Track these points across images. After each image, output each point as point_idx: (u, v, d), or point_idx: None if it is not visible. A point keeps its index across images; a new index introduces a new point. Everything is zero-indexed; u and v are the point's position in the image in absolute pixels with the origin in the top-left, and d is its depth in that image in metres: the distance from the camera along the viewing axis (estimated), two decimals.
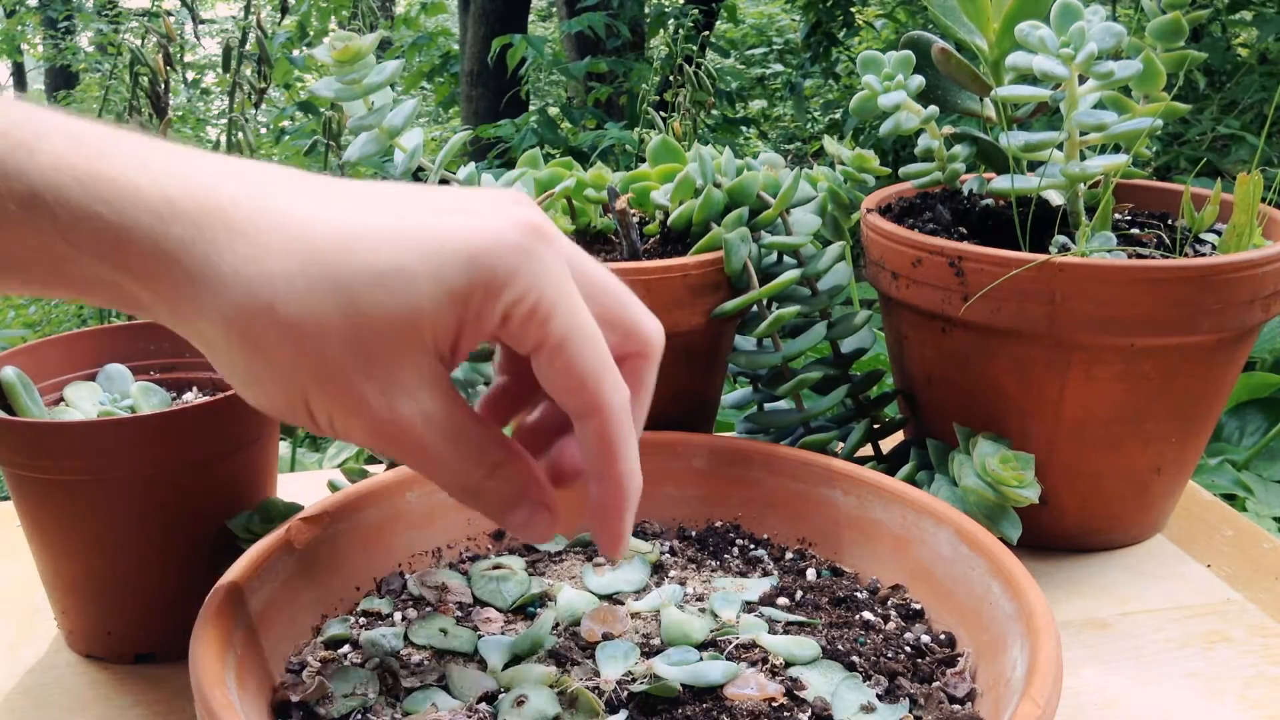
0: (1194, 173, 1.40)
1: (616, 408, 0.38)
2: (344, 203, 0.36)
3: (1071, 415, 0.59)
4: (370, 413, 0.36)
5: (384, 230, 0.36)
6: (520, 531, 0.41)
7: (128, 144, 0.35)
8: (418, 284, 0.35)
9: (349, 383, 0.35)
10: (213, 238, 0.34)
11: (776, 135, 5.69)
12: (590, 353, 0.37)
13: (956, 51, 0.64)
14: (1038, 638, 0.40)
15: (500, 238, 0.36)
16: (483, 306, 0.36)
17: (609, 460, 0.39)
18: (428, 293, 0.35)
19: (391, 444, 0.37)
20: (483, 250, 0.35)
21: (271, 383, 0.36)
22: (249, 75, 1.68)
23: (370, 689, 0.43)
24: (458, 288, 0.35)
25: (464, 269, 0.35)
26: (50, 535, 0.53)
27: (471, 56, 3.93)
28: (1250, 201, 0.60)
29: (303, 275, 0.34)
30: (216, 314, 0.35)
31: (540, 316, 0.36)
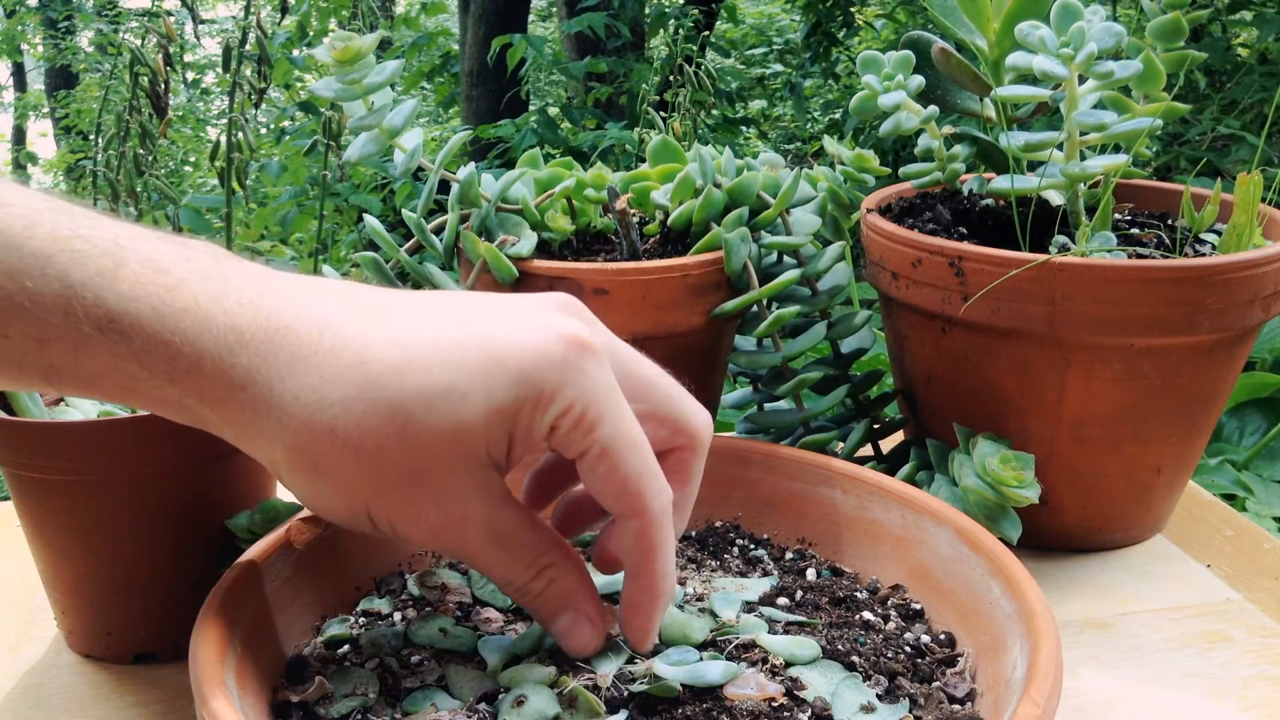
0: (1194, 173, 1.40)
1: (658, 511, 0.40)
2: (398, 320, 0.39)
3: (1071, 415, 0.59)
4: (426, 520, 0.39)
5: (435, 350, 0.38)
6: (563, 639, 0.43)
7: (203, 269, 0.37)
8: (470, 404, 0.37)
9: (407, 496, 0.38)
10: (275, 367, 0.37)
11: (776, 135, 5.69)
12: (633, 459, 0.39)
13: (956, 51, 0.64)
14: (1038, 638, 0.40)
15: (547, 354, 0.38)
16: (531, 420, 0.38)
17: (647, 561, 0.41)
18: (480, 411, 0.37)
19: (447, 547, 0.40)
20: (531, 368, 0.37)
21: (335, 498, 0.38)
22: (249, 75, 1.68)
23: (370, 689, 0.43)
24: (507, 405, 0.37)
25: (513, 387, 0.37)
26: (50, 535, 0.53)
27: (471, 56, 3.93)
28: (1250, 201, 0.60)
29: (359, 399, 0.37)
30: (279, 439, 0.37)
31: (585, 427, 0.38)
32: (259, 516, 0.54)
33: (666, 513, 0.41)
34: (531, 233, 0.60)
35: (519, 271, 0.58)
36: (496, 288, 0.59)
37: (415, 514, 0.38)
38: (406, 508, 0.38)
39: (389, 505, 0.38)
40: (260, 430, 0.37)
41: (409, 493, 0.38)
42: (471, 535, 0.39)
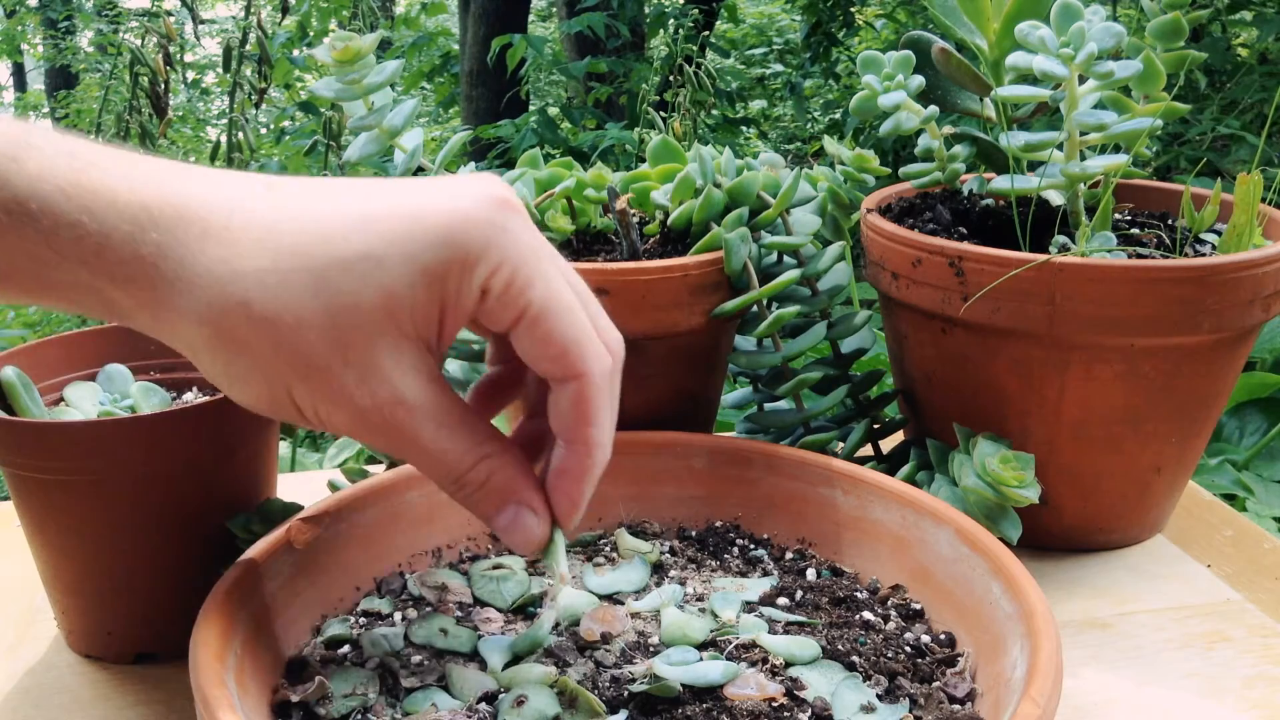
0: (1194, 173, 1.40)
1: (597, 373, 0.38)
2: (312, 197, 0.37)
3: (1071, 415, 0.59)
4: (352, 401, 0.36)
5: (352, 218, 0.36)
6: (506, 534, 0.41)
7: (116, 158, 0.36)
8: (391, 268, 0.35)
9: (329, 372, 0.36)
10: (186, 242, 0.35)
11: (776, 135, 5.69)
12: (570, 319, 0.38)
13: (956, 51, 0.64)
14: (1038, 638, 0.40)
15: (471, 214, 0.36)
16: (460, 283, 0.36)
17: (582, 425, 0.39)
18: (402, 275, 0.35)
19: (376, 433, 0.37)
20: (454, 227, 0.36)
21: (255, 379, 0.36)
22: (249, 75, 1.68)
23: (370, 689, 0.43)
24: (432, 267, 0.35)
25: (437, 247, 0.35)
26: (50, 535, 0.53)
27: (471, 56, 3.93)
28: (1250, 201, 0.60)
29: (274, 270, 0.35)
30: (193, 315, 0.35)
31: (517, 287, 0.36)
32: (259, 516, 0.54)
33: (606, 378, 0.39)
34: None
35: None
36: None
37: (340, 394, 0.36)
38: (330, 387, 0.36)
39: (311, 386, 0.36)
40: (173, 308, 0.35)
41: (332, 370, 0.36)
42: (402, 417, 0.37)
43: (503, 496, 0.40)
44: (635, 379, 0.60)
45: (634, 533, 0.56)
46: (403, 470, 0.53)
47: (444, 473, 0.39)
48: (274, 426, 0.57)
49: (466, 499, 0.40)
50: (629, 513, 0.57)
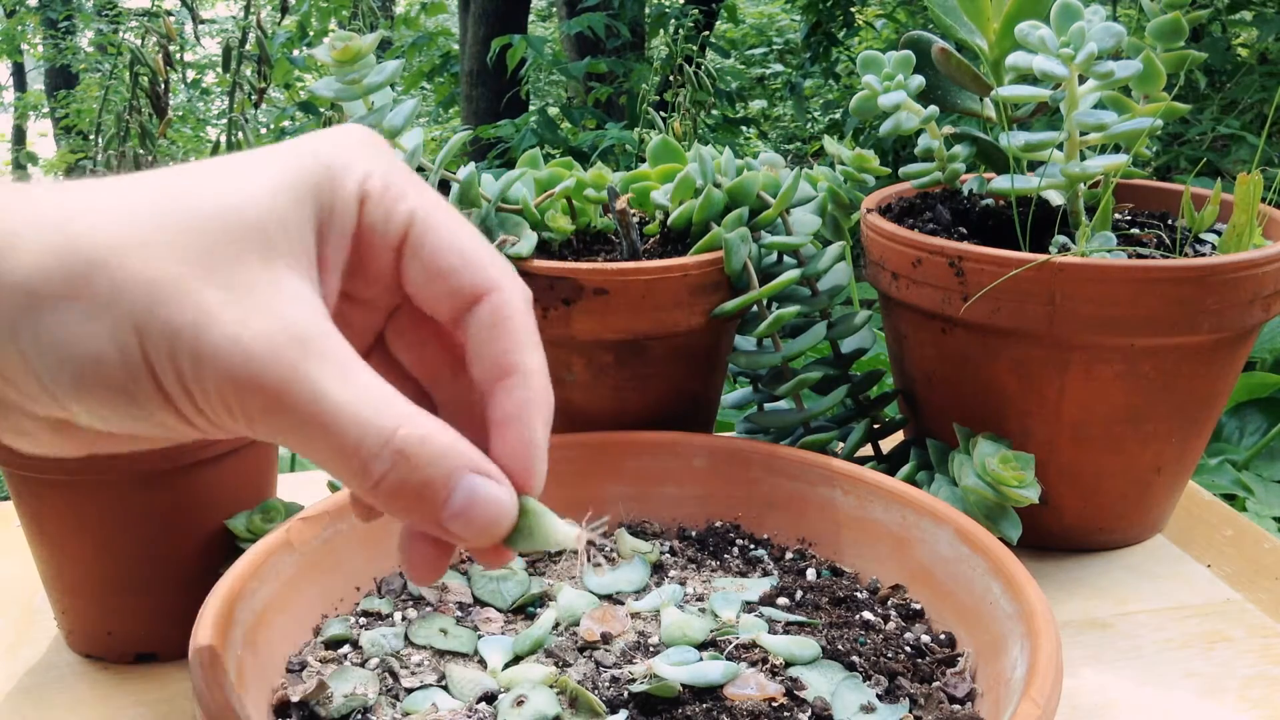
0: (1194, 173, 1.40)
1: (511, 286, 0.32)
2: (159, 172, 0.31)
3: (1071, 415, 0.59)
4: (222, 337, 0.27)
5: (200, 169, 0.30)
6: (465, 520, 0.30)
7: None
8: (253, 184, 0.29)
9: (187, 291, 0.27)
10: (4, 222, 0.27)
11: (776, 135, 5.69)
12: (464, 229, 0.32)
13: (956, 51, 0.64)
14: (1038, 638, 0.40)
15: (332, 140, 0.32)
16: (334, 194, 0.30)
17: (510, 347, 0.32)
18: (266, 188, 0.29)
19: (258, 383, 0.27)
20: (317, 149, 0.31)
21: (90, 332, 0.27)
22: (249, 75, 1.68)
23: (370, 689, 0.43)
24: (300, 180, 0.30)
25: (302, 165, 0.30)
26: (50, 535, 0.53)
27: (471, 56, 3.93)
28: (1250, 201, 0.60)
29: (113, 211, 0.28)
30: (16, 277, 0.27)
31: (397, 191, 0.31)
32: (259, 516, 0.54)
33: (521, 294, 0.32)
34: (531, 233, 0.60)
35: (519, 271, 0.58)
36: None
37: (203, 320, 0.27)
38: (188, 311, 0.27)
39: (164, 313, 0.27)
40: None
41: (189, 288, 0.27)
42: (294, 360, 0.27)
43: (449, 467, 0.29)
44: (635, 379, 0.60)
45: (634, 533, 0.56)
46: None
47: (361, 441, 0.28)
48: None
49: (397, 484, 0.29)
50: (629, 513, 0.57)
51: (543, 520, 0.32)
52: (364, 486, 0.29)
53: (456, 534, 0.30)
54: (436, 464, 0.29)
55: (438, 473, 0.29)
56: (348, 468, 0.28)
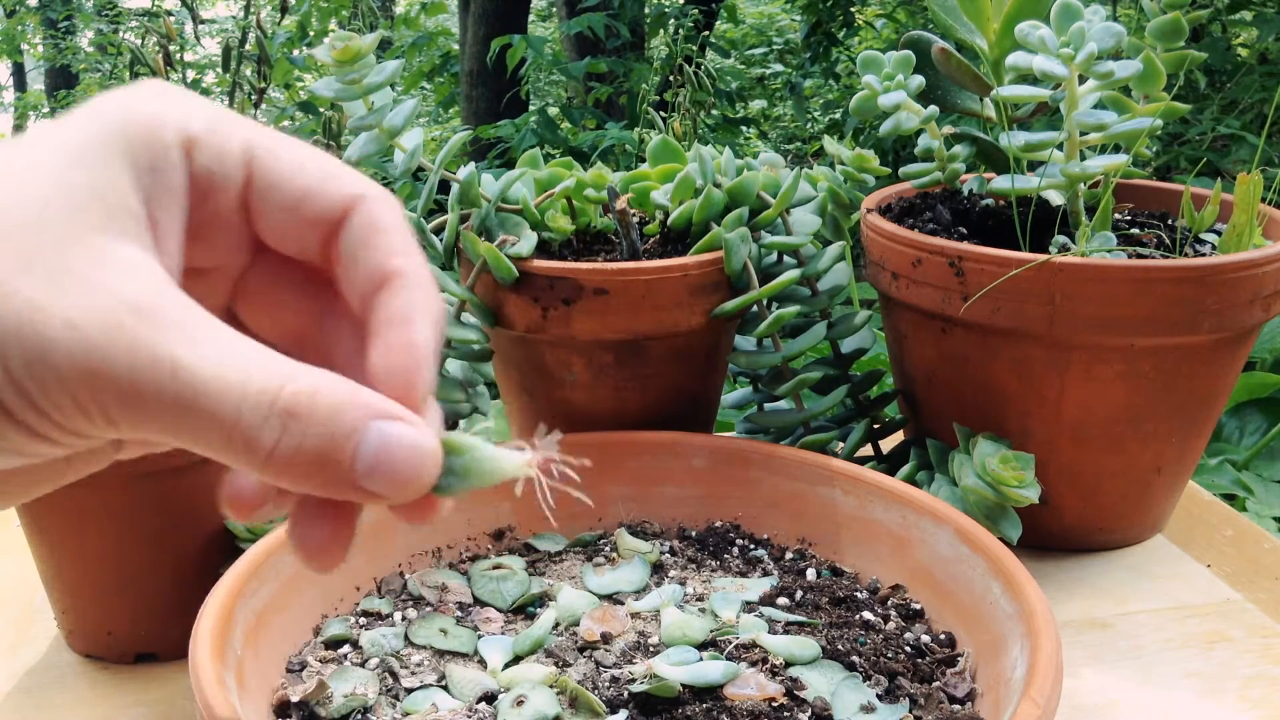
0: (1194, 173, 1.40)
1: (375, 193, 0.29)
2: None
3: (1071, 415, 0.59)
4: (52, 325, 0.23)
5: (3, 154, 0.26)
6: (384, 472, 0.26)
7: None
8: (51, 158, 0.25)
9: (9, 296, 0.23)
10: None
11: (776, 135, 5.69)
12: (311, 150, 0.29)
13: (956, 51, 0.64)
14: (1038, 638, 0.40)
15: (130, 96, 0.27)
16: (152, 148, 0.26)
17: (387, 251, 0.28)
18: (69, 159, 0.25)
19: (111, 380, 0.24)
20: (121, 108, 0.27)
21: None
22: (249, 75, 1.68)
23: (370, 689, 0.43)
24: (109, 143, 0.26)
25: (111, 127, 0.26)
26: (51, 535, 0.53)
27: (471, 56, 3.93)
28: (1250, 201, 0.60)
29: None
30: None
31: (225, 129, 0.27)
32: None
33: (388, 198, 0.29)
34: (531, 233, 0.60)
35: (519, 271, 0.58)
36: (496, 288, 0.59)
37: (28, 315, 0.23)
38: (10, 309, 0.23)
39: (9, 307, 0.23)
40: None
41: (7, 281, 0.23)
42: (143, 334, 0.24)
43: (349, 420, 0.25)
44: (635, 379, 0.60)
45: (634, 533, 0.56)
46: None
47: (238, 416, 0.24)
48: None
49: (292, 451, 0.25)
50: (629, 513, 0.57)
51: (480, 454, 0.27)
52: (255, 462, 0.25)
53: (376, 492, 0.26)
54: (334, 419, 0.25)
55: (338, 428, 0.25)
56: (230, 445, 0.24)
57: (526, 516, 0.56)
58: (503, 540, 0.55)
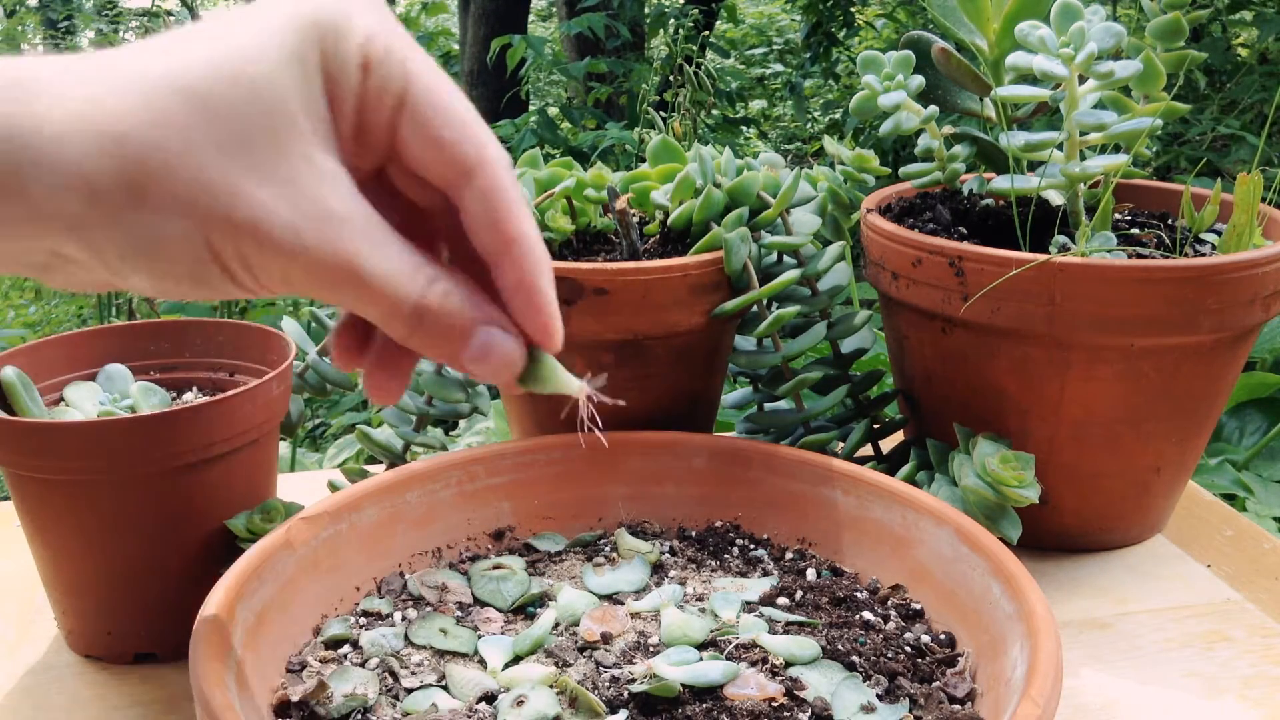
0: (1194, 173, 1.40)
1: (499, 157, 0.35)
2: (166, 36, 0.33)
3: (1071, 415, 0.59)
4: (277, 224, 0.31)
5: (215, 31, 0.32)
6: (482, 363, 0.35)
7: None
8: (266, 62, 0.31)
9: (242, 194, 0.31)
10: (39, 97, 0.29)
11: (776, 135, 5.69)
12: (460, 100, 0.34)
13: (956, 51, 0.64)
14: (1038, 638, 0.40)
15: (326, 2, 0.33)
16: (336, 60, 0.32)
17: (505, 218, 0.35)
18: (279, 66, 0.31)
19: (311, 263, 0.32)
20: (317, 7, 0.32)
21: (162, 236, 0.31)
22: None
23: (370, 689, 0.43)
24: (307, 51, 0.32)
25: (307, 31, 0.32)
26: (50, 535, 0.53)
27: (471, 56, 3.93)
28: (1250, 201, 0.60)
29: (144, 96, 0.30)
30: (69, 174, 0.29)
31: (399, 55, 0.33)
32: (259, 516, 0.54)
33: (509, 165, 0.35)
34: None
35: None
36: None
37: (262, 219, 0.31)
38: (247, 212, 0.31)
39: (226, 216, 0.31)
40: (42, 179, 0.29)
41: (245, 190, 0.31)
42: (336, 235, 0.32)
43: (469, 319, 0.35)
44: (635, 379, 0.60)
45: (634, 533, 0.56)
46: (403, 470, 0.53)
47: (396, 301, 0.33)
48: (274, 426, 0.57)
49: (427, 333, 0.34)
50: (629, 513, 0.57)
51: (554, 369, 0.37)
52: (401, 334, 0.34)
53: (475, 373, 0.35)
54: (456, 316, 0.34)
55: (458, 323, 0.34)
56: (388, 320, 0.34)
57: (526, 516, 0.56)
58: (503, 540, 0.55)
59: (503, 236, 0.35)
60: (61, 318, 3.08)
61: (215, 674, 0.38)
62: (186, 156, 0.30)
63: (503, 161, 0.35)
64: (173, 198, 0.30)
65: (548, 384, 0.37)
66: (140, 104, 0.30)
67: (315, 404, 1.94)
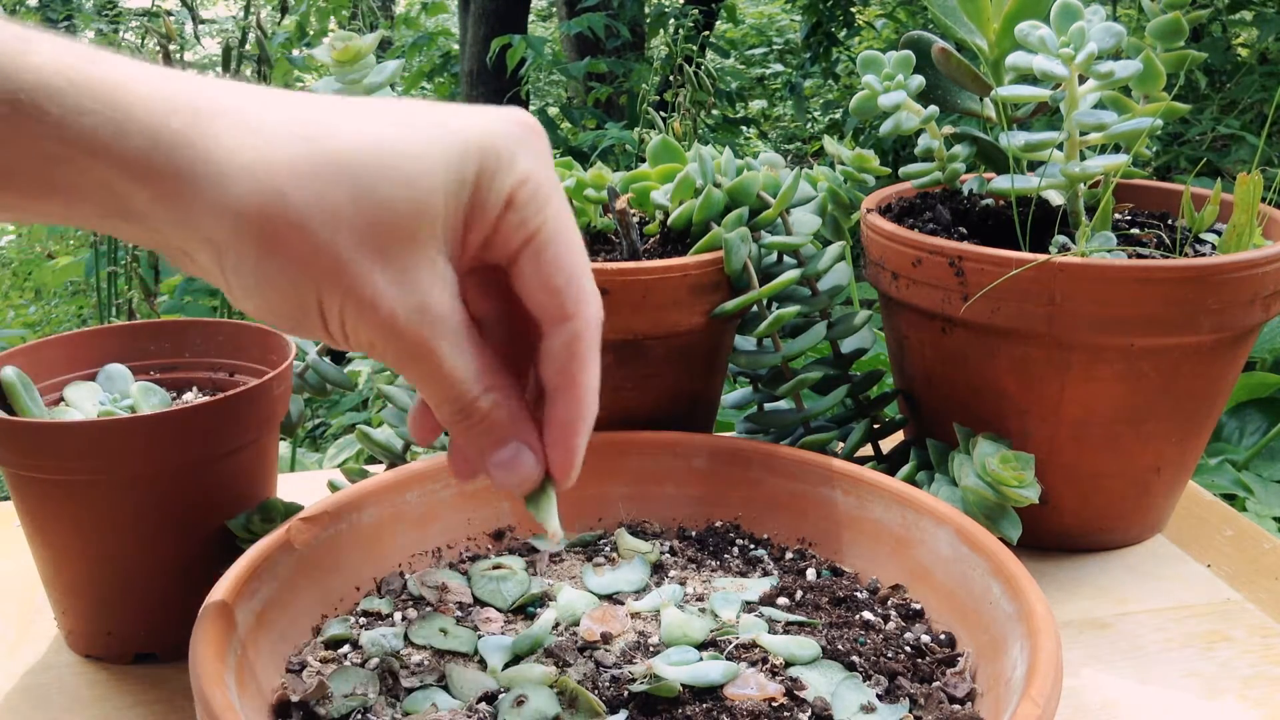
0: (1194, 173, 1.40)
1: (591, 317, 0.38)
2: (348, 104, 0.36)
3: (1071, 415, 0.59)
4: (381, 307, 0.35)
5: (392, 120, 0.35)
6: (501, 471, 0.39)
7: (118, 57, 0.34)
8: (429, 169, 0.35)
9: (363, 274, 0.34)
10: (215, 129, 0.33)
11: (776, 135, 5.68)
12: (579, 256, 0.38)
13: (956, 51, 0.64)
14: (1038, 638, 0.40)
15: (504, 128, 0.37)
16: (489, 190, 0.36)
17: (576, 368, 0.38)
18: (439, 178, 0.35)
19: (400, 345, 0.36)
20: (487, 136, 0.36)
21: (283, 280, 0.34)
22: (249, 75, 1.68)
23: (370, 689, 0.43)
24: (467, 171, 0.35)
25: (470, 154, 0.35)
26: (50, 535, 0.53)
27: (471, 56, 3.93)
28: (1250, 201, 0.60)
29: (310, 162, 0.34)
30: (223, 207, 0.33)
31: (540, 201, 0.37)
32: (259, 516, 0.54)
33: (598, 324, 0.39)
34: None
35: None
36: None
37: (370, 299, 0.35)
38: (361, 290, 0.34)
39: (342, 288, 0.34)
40: (200, 202, 0.33)
41: (365, 270, 0.34)
42: (427, 330, 0.36)
43: (505, 431, 0.39)
44: (635, 379, 0.60)
45: (634, 533, 0.56)
46: (403, 470, 0.53)
47: (453, 397, 0.38)
48: (274, 426, 0.57)
49: (468, 429, 0.39)
50: (629, 513, 0.57)
51: (552, 505, 0.40)
52: (446, 421, 0.39)
53: (493, 475, 0.40)
54: (496, 426, 0.39)
55: (496, 432, 0.39)
56: (439, 408, 0.38)
57: (526, 516, 0.56)
58: (503, 540, 0.55)
59: (568, 380, 0.39)
60: (61, 318, 3.08)
61: (215, 674, 0.38)
62: (330, 233, 0.34)
63: (596, 319, 0.39)
64: (302, 259, 0.34)
65: (541, 513, 0.40)
66: (306, 172, 0.34)
67: (315, 404, 1.94)
